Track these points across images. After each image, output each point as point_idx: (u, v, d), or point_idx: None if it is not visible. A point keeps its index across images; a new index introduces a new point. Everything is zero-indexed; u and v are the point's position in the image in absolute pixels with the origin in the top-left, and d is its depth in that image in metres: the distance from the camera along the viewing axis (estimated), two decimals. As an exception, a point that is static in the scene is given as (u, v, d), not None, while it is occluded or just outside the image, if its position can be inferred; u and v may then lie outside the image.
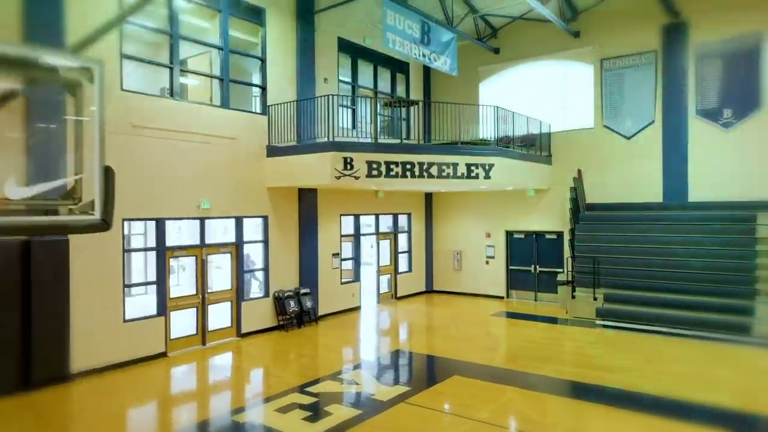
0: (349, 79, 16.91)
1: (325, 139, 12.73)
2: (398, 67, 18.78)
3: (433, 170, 13.13)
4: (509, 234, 18.61)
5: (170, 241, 12.41)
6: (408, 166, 12.89)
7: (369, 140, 14.49)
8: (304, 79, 14.67)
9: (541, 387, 9.54)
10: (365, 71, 17.66)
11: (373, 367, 11.24)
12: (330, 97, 12.88)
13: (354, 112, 16.91)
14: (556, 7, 16.37)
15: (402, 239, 19.21)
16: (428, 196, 20.09)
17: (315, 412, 8.42)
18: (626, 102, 16.37)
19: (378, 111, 17.01)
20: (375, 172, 12.59)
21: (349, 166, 12.35)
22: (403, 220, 19.25)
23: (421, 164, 13.03)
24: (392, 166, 12.73)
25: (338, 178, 12.35)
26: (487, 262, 18.93)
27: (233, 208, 13.16)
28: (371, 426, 7.89)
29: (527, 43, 18.22)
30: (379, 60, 17.87)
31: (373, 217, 17.86)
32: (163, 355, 11.65)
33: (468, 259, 19.39)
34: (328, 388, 9.61)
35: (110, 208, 3.94)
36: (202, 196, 12.40)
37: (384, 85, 18.40)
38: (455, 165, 13.38)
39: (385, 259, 18.45)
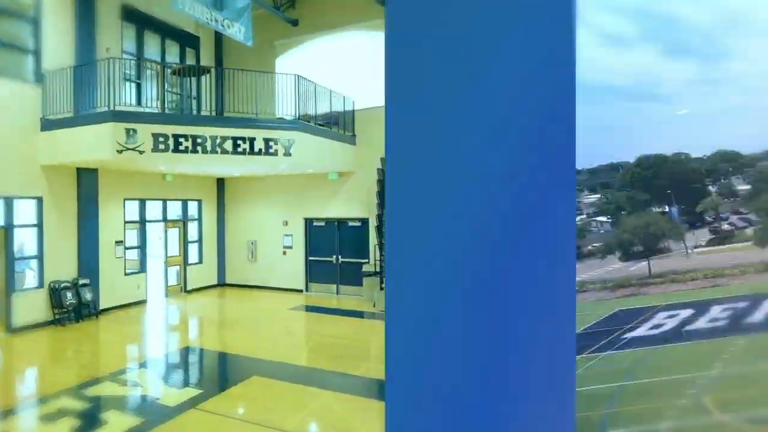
0: (134, 51, 15.23)
1: (105, 109, 11.21)
2: (188, 41, 17.32)
3: (227, 145, 11.91)
4: (308, 222, 17.64)
5: None
6: (199, 140, 11.60)
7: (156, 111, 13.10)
8: (83, 47, 12.96)
9: (355, 389, 8.56)
10: (152, 44, 16.05)
11: (160, 366, 10.05)
12: (111, 61, 11.36)
13: (139, 87, 15.20)
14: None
15: (192, 228, 17.79)
16: (221, 182, 18.72)
17: (88, 420, 7.18)
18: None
19: (166, 87, 15.53)
20: (162, 146, 11.22)
21: (132, 140, 10.97)
22: (193, 208, 17.84)
23: (213, 138, 11.75)
24: (181, 140, 11.41)
25: (120, 152, 10.88)
26: (285, 253, 17.90)
27: (-1, 186, 11.21)
28: (155, 437, 6.80)
29: (329, 13, 16.81)
30: (168, 33, 16.37)
31: (161, 203, 16.34)
32: None
33: (264, 249, 18.29)
34: (107, 390, 8.30)
35: None
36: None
37: (172, 60, 16.86)
38: (252, 140, 12.20)
39: (174, 249, 16.96)
